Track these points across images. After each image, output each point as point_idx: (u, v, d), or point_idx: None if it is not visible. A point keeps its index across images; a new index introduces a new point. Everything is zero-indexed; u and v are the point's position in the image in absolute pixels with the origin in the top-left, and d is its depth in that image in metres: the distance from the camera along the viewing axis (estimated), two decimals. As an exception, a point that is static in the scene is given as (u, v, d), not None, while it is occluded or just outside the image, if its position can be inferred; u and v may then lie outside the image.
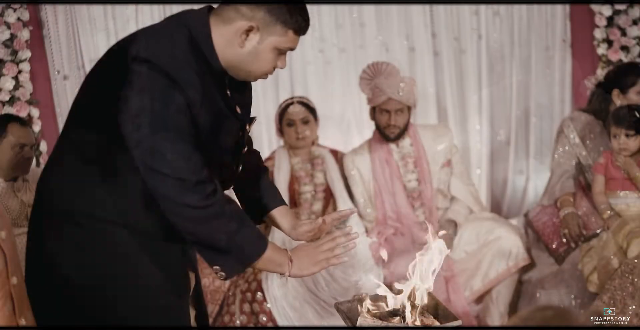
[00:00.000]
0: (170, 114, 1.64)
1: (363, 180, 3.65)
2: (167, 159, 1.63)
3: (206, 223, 1.68)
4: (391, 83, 3.42)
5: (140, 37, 1.74)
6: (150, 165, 1.64)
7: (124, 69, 1.66)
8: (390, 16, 4.15)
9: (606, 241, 3.16)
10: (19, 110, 3.66)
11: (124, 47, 1.72)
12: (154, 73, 1.64)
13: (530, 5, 4.20)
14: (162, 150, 1.63)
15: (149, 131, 1.63)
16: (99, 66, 1.85)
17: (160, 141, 1.63)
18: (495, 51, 4.25)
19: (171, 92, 1.65)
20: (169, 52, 1.68)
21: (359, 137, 4.13)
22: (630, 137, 3.17)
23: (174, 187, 1.64)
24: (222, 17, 1.75)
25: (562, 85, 4.30)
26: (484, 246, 3.41)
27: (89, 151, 1.78)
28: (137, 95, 1.63)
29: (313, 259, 1.81)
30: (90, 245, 1.78)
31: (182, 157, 1.64)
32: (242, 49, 1.76)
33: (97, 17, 3.96)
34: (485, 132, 4.26)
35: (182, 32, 1.74)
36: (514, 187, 4.35)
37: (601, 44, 4.07)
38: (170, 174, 1.63)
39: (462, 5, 4.17)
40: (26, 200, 3.13)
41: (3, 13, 3.63)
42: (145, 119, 1.63)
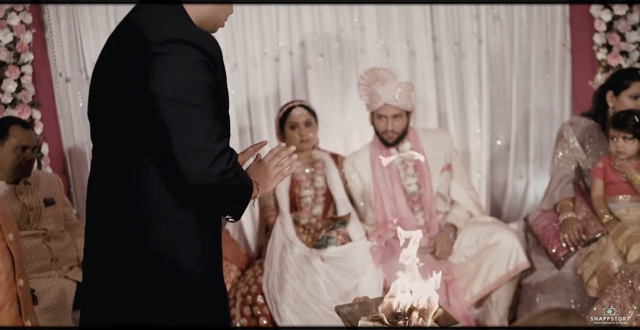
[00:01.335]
0: (204, 88, 1.76)
1: (363, 184, 3.67)
2: (200, 130, 1.74)
3: (228, 186, 1.83)
4: (387, 89, 3.45)
5: (156, 23, 1.82)
6: (186, 135, 1.74)
7: (147, 56, 1.75)
8: (391, 20, 4.16)
9: (606, 246, 3.17)
10: (21, 113, 3.66)
11: (139, 37, 1.79)
12: (191, 49, 1.75)
13: (530, 10, 4.21)
14: (198, 123, 1.74)
15: (192, 108, 1.74)
16: (112, 66, 1.90)
17: (196, 114, 1.74)
18: (496, 55, 4.26)
19: (207, 67, 1.77)
20: (192, 30, 1.81)
21: (359, 141, 4.14)
22: (628, 141, 3.19)
23: (205, 156, 1.75)
24: None
25: (562, 90, 4.31)
26: (484, 250, 3.43)
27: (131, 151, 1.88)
28: (173, 72, 1.74)
29: (270, 176, 2.02)
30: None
31: (211, 129, 1.76)
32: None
33: (99, 20, 3.97)
34: (485, 136, 4.27)
35: (175, 12, 1.88)
36: (513, 191, 4.36)
37: (601, 48, 4.07)
38: (204, 145, 1.74)
39: (462, 9, 4.18)
40: (28, 203, 3.13)
41: (6, 16, 3.64)
42: (183, 93, 1.74)
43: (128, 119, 1.85)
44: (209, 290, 1.98)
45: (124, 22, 1.96)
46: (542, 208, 3.58)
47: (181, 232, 1.90)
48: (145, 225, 1.89)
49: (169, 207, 1.89)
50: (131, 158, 1.89)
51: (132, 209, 1.89)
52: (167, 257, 1.90)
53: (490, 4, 4.18)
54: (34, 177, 3.25)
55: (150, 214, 1.89)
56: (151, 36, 1.77)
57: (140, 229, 1.89)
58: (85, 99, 3.94)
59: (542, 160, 4.34)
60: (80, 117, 4.01)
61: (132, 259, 1.91)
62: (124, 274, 1.92)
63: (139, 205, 1.89)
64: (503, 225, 3.66)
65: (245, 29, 4.06)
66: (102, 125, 1.96)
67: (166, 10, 1.87)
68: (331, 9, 4.12)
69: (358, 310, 2.00)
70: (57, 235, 3.19)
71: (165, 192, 1.87)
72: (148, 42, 1.76)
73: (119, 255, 1.92)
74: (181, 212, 1.90)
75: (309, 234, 3.57)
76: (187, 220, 1.91)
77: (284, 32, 4.11)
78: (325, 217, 3.68)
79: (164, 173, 1.86)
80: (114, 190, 1.92)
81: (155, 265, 1.90)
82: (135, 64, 1.79)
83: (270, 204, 3.68)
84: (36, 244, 3.09)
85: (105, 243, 1.95)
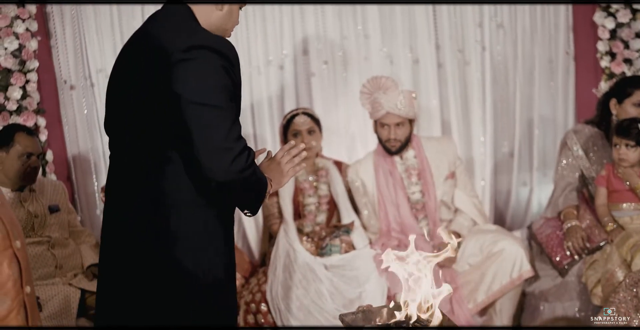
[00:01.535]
0: (224, 91, 1.87)
1: (367, 191, 3.67)
2: (221, 131, 1.84)
3: (247, 183, 1.93)
4: (390, 97, 3.46)
5: (176, 31, 1.93)
6: (208, 136, 1.84)
7: (170, 62, 1.85)
8: (395, 28, 4.17)
9: (610, 254, 3.17)
10: (26, 120, 3.68)
11: (160, 45, 1.89)
12: (212, 55, 1.86)
13: (534, 17, 4.22)
14: (220, 124, 1.84)
15: (213, 109, 1.84)
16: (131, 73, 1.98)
17: (217, 116, 1.84)
18: (499, 63, 4.27)
19: (227, 72, 1.88)
20: (212, 36, 1.92)
21: (363, 149, 4.14)
22: (630, 148, 3.19)
23: (225, 155, 1.85)
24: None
25: (565, 98, 4.32)
26: (488, 258, 3.42)
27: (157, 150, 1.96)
28: (197, 76, 1.84)
29: (282, 172, 2.12)
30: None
31: (230, 129, 1.86)
32: (222, 11, 2.03)
33: (104, 28, 3.99)
34: (489, 143, 4.27)
35: (190, 20, 1.99)
36: (517, 198, 4.36)
37: (604, 56, 4.08)
38: (224, 145, 1.85)
39: (466, 17, 4.19)
40: (32, 211, 3.14)
41: (12, 24, 3.66)
42: (206, 96, 1.84)
43: (149, 122, 1.93)
44: (228, 288, 2.07)
45: (141, 32, 2.04)
46: (546, 216, 3.58)
47: (201, 229, 1.98)
48: (166, 224, 1.96)
49: (190, 206, 1.96)
50: (152, 160, 1.96)
51: (153, 207, 1.96)
52: (190, 254, 1.97)
53: (492, 3, 4.18)
54: (39, 184, 3.26)
55: (171, 211, 1.96)
56: (173, 43, 1.87)
57: (161, 228, 1.96)
58: (90, 106, 4.02)
59: (545, 168, 4.34)
60: (85, 124, 4.02)
61: (154, 257, 1.97)
62: (146, 273, 1.98)
63: (160, 204, 1.96)
64: (507, 233, 3.65)
65: (249, 37, 4.08)
66: (122, 131, 2.04)
67: (182, 19, 1.98)
68: (335, 16, 4.14)
69: (362, 318, 2.00)
70: (61, 242, 3.20)
71: (186, 191, 1.95)
72: (171, 49, 1.86)
73: (140, 254, 1.98)
74: (201, 210, 1.98)
75: (313, 241, 3.57)
76: (206, 217, 1.99)
77: (288, 39, 4.12)
78: (328, 225, 3.68)
79: (184, 173, 1.94)
80: (135, 192, 1.99)
81: (176, 263, 1.96)
82: (157, 70, 1.87)
83: (274, 212, 3.69)
84: (40, 251, 3.10)
85: (125, 244, 2.01)
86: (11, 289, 1.66)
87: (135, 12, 4.01)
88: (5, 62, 3.65)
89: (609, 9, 3.99)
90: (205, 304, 1.99)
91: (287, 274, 3.42)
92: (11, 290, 1.65)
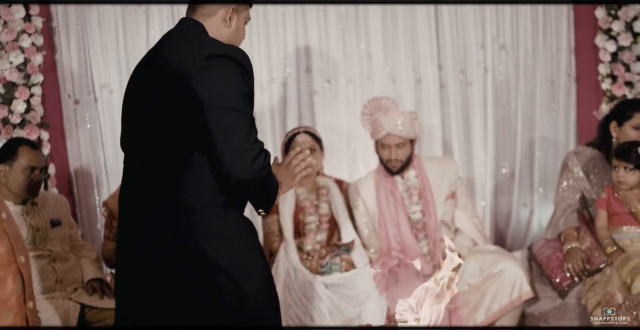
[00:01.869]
0: (243, 96, 2.01)
1: (367, 211, 3.67)
2: (241, 133, 1.97)
3: (264, 181, 2.05)
4: (390, 118, 3.47)
5: (194, 42, 2.06)
6: (234, 141, 1.96)
7: (190, 71, 1.98)
8: (397, 48, 4.20)
9: (610, 276, 3.17)
10: (29, 133, 3.69)
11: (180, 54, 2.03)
12: (230, 63, 1.99)
13: (536, 39, 4.25)
14: (240, 127, 1.97)
15: (235, 112, 1.97)
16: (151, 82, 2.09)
17: (238, 119, 1.98)
18: (501, 84, 4.29)
19: (243, 79, 2.02)
20: (229, 46, 2.06)
21: (364, 167, 4.15)
22: (629, 171, 3.21)
23: (246, 155, 1.97)
24: (204, 14, 2.16)
25: (566, 119, 4.33)
26: (488, 279, 3.42)
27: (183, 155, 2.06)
28: (219, 82, 1.97)
29: (290, 175, 2.22)
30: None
31: (250, 131, 2.00)
32: (230, 28, 2.19)
33: (109, 43, 4.03)
34: (490, 164, 4.28)
35: (204, 34, 2.14)
36: (518, 219, 4.36)
37: (605, 79, 4.11)
38: (245, 146, 1.97)
39: (468, 38, 4.22)
40: (34, 224, 3.14)
41: (18, 38, 3.69)
42: (228, 101, 1.97)
43: (172, 131, 2.03)
44: (271, 285, 2.18)
45: (159, 47, 2.16)
46: (546, 237, 3.58)
47: (234, 228, 2.10)
48: (191, 225, 2.04)
49: (213, 204, 2.06)
50: (173, 164, 2.05)
51: (176, 209, 2.05)
52: (231, 255, 2.07)
53: (495, 4, 4.21)
54: (41, 197, 3.26)
55: (195, 210, 2.05)
56: (193, 52, 2.00)
57: (186, 229, 2.04)
58: (93, 121, 4.04)
59: (546, 189, 4.34)
60: (88, 138, 4.04)
61: (179, 255, 2.04)
62: (170, 271, 2.05)
63: (183, 205, 2.04)
64: (507, 254, 3.65)
65: (253, 55, 4.10)
66: (143, 144, 2.11)
67: (196, 33, 2.12)
68: (338, 35, 4.17)
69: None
70: (62, 256, 3.20)
71: (208, 191, 2.05)
72: (192, 57, 1.99)
73: (164, 254, 2.05)
74: (230, 210, 2.09)
75: (313, 260, 3.57)
76: (236, 216, 2.11)
77: (291, 58, 4.15)
78: (329, 244, 3.68)
79: (205, 175, 2.04)
80: (156, 195, 2.07)
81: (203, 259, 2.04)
82: (179, 78, 1.99)
83: (274, 230, 3.68)
84: (41, 265, 3.10)
85: (146, 245, 2.08)
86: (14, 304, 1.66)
87: (140, 28, 4.04)
88: (10, 75, 3.68)
89: (610, 32, 4.03)
90: (253, 305, 2.08)
91: (286, 292, 3.41)
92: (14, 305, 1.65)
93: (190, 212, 2.05)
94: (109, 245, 3.45)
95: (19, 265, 1.65)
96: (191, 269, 2.04)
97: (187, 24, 2.17)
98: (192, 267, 2.04)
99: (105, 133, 4.06)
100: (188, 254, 2.04)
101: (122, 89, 3.96)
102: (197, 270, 2.04)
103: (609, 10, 4.03)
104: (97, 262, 3.35)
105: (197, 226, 2.04)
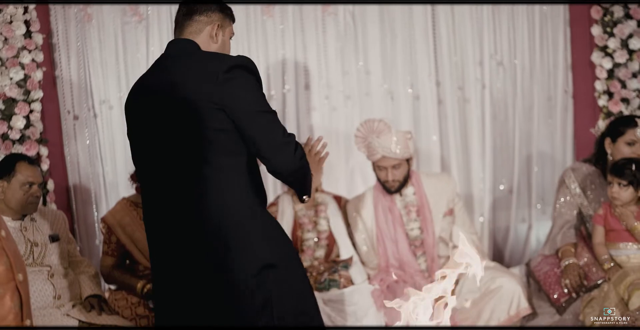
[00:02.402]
0: (265, 99, 2.21)
1: (366, 227, 3.68)
2: (278, 130, 2.17)
3: (306, 168, 2.25)
4: (383, 141, 3.47)
5: (206, 59, 2.23)
6: (273, 137, 2.15)
7: (215, 84, 2.13)
8: (396, 65, 4.23)
9: (607, 292, 3.17)
10: (29, 149, 3.70)
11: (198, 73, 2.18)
12: (249, 74, 2.18)
13: (533, 56, 4.29)
14: (275, 125, 2.18)
15: (265, 114, 2.16)
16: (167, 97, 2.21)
17: (272, 119, 2.18)
18: (499, 101, 4.32)
19: (259, 84, 2.23)
20: (242, 57, 2.21)
21: (362, 184, 4.16)
22: (623, 187, 3.23)
23: (288, 148, 2.17)
24: (192, 32, 2.33)
25: (564, 135, 4.36)
26: (486, 295, 3.42)
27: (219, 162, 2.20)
28: (244, 90, 2.15)
29: (315, 162, 2.41)
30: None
31: (283, 127, 2.20)
32: (217, 43, 2.35)
33: (108, 60, 4.05)
34: (488, 180, 4.30)
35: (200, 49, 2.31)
36: (516, 235, 4.36)
37: (602, 95, 4.14)
38: (286, 141, 2.17)
39: (466, 55, 4.25)
40: (33, 240, 3.14)
41: (18, 54, 3.71)
42: (257, 105, 2.16)
43: (196, 138, 2.16)
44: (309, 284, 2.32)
45: (163, 68, 2.28)
46: (543, 253, 3.59)
47: (270, 226, 2.25)
48: (232, 227, 2.17)
49: (246, 206, 2.20)
50: (204, 172, 2.17)
51: (215, 213, 2.17)
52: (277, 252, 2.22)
53: (491, 4, 4.23)
54: (39, 213, 3.26)
55: (232, 213, 2.18)
56: (211, 67, 2.15)
57: (230, 232, 2.17)
58: (92, 137, 4.05)
59: (544, 205, 4.36)
60: (87, 154, 4.05)
61: (227, 259, 2.16)
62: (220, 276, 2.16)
63: (220, 209, 2.17)
64: (505, 270, 3.65)
65: (252, 71, 4.13)
66: (162, 151, 2.23)
67: (197, 50, 2.29)
68: (337, 52, 4.20)
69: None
70: (61, 272, 3.19)
71: (241, 194, 2.19)
72: (213, 71, 2.14)
73: (210, 261, 2.17)
74: (257, 209, 2.22)
75: (311, 276, 3.57)
76: (264, 214, 2.25)
77: (290, 74, 4.17)
78: (327, 260, 3.68)
79: (235, 179, 2.19)
80: (191, 204, 2.19)
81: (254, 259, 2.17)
82: (201, 93, 2.13)
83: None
84: (40, 280, 3.09)
85: (183, 249, 2.20)
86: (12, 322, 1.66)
87: (139, 44, 4.07)
88: (10, 91, 3.69)
89: (606, 49, 4.06)
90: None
91: (284, 308, 3.40)
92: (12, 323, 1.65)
93: (229, 215, 2.17)
94: (107, 261, 3.45)
95: (17, 283, 1.65)
96: (243, 270, 2.15)
97: (183, 45, 2.30)
98: (244, 268, 2.15)
99: (104, 149, 4.07)
100: (237, 256, 2.15)
101: (122, 105, 4.01)
102: (250, 271, 2.15)
103: (604, 28, 4.07)
104: (95, 278, 3.35)
105: (239, 228, 2.17)
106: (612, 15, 4.04)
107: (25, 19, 3.73)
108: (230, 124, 2.14)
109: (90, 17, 4.00)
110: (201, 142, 2.16)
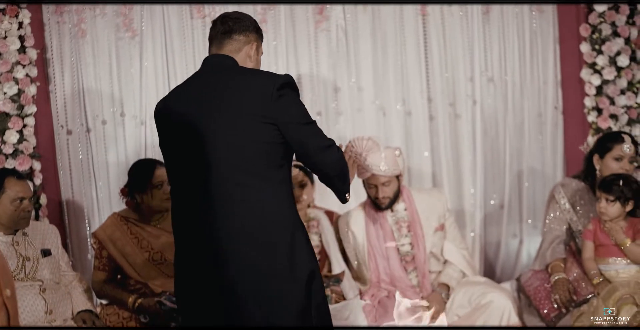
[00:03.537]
0: (307, 111, 2.38)
1: (357, 243, 3.68)
2: (323, 136, 2.37)
3: (346, 166, 2.44)
4: (372, 160, 3.47)
5: (256, 75, 2.41)
6: (320, 143, 2.34)
7: (269, 100, 2.29)
8: (387, 81, 4.27)
9: (597, 307, 3.19)
10: (22, 164, 3.70)
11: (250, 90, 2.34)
12: (294, 91, 2.37)
13: (524, 73, 4.33)
14: (319, 132, 2.37)
15: (312, 124, 2.35)
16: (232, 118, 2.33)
17: (316, 127, 2.37)
18: (490, 117, 4.35)
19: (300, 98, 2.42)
20: (286, 76, 2.37)
21: (354, 199, 4.16)
22: (610, 203, 3.25)
23: (333, 151, 2.37)
24: (232, 50, 2.47)
25: (554, 151, 4.39)
26: (476, 310, 3.43)
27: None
28: (294, 106, 2.34)
29: (349, 164, 2.56)
30: None
31: (323, 132, 2.39)
32: (253, 62, 2.51)
33: (102, 75, 4.06)
34: (479, 195, 4.32)
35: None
36: (507, 250, 4.38)
37: (591, 111, 4.19)
38: (329, 144, 2.36)
39: (457, 71, 4.29)
40: (25, 254, 3.14)
41: (12, 69, 3.73)
42: (305, 118, 2.34)
43: (249, 151, 2.29)
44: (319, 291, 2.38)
45: (212, 80, 2.40)
46: (534, 268, 3.61)
47: (304, 236, 2.36)
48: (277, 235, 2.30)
49: (292, 216, 2.34)
50: (254, 180, 2.30)
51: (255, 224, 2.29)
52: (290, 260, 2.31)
53: (480, 3, 4.27)
54: (32, 227, 3.26)
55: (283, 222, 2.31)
56: (264, 86, 2.31)
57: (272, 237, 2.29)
58: (85, 152, 4.05)
59: (535, 220, 4.38)
60: (80, 169, 4.06)
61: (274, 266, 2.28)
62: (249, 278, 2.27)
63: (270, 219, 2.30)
64: (495, 285, 3.67)
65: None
66: (201, 159, 2.32)
67: (242, 68, 2.45)
68: (329, 68, 4.23)
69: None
70: (52, 286, 3.19)
71: (286, 203, 2.34)
72: (265, 91, 2.29)
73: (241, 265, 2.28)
74: (299, 220, 2.36)
75: (303, 291, 3.56)
76: (302, 225, 2.38)
77: (283, 90, 4.19)
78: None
79: (282, 189, 2.34)
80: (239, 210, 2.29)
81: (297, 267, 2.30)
82: (255, 108, 2.29)
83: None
84: (31, 295, 3.08)
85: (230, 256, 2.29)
86: (-1, 337, 1.65)
87: (133, 59, 4.08)
88: (3, 106, 3.70)
89: (595, 66, 4.12)
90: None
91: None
92: (-1, 338, 1.65)
93: (280, 224, 2.30)
94: (99, 275, 3.44)
95: (5, 298, 1.65)
96: (297, 278, 2.29)
97: (225, 61, 2.44)
98: (297, 276, 2.29)
99: (97, 164, 4.07)
100: (290, 264, 2.28)
101: (115, 120, 4.04)
102: (302, 277, 2.29)
103: (593, 45, 4.12)
104: (87, 293, 3.34)
105: (289, 236, 2.30)
106: (600, 33, 4.11)
107: (19, 34, 3.76)
108: (279, 137, 2.30)
109: (85, 32, 4.02)
110: (252, 154, 2.29)
